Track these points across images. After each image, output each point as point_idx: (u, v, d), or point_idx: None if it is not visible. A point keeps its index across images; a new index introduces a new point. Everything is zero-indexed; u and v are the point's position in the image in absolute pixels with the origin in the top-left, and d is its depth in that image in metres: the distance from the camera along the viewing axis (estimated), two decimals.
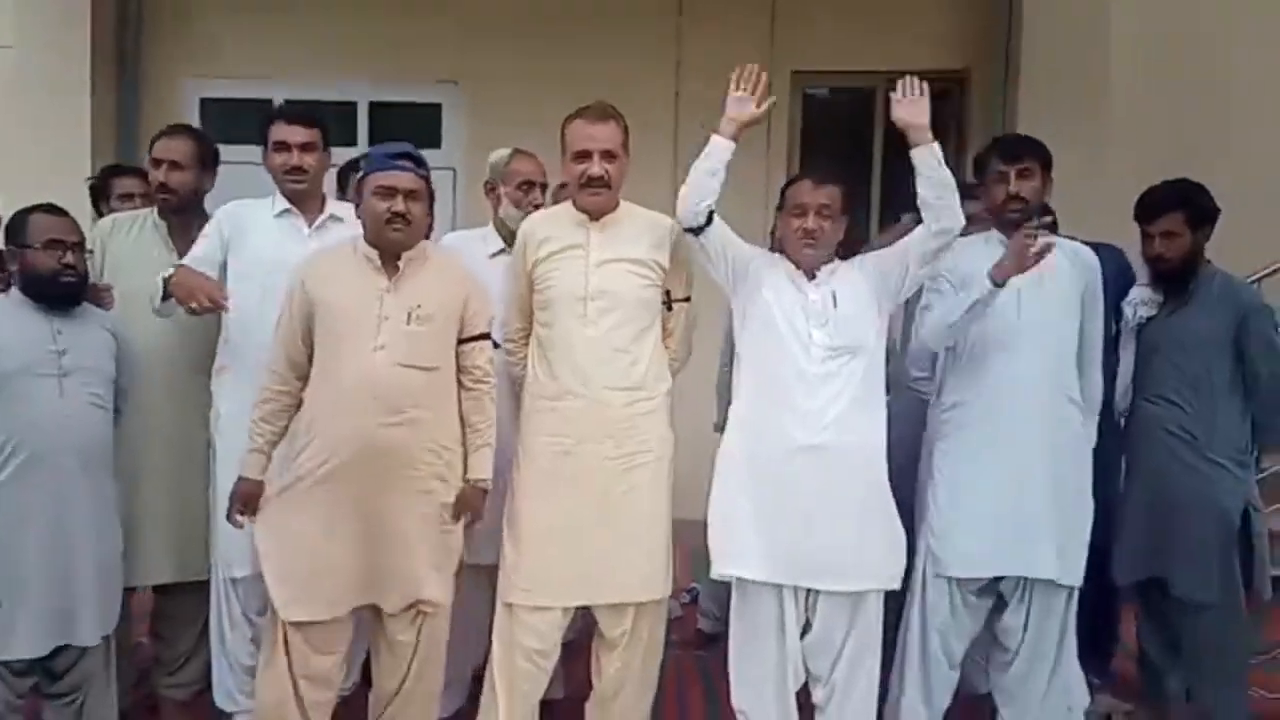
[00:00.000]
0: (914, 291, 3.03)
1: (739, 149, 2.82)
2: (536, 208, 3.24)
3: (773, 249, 3.11)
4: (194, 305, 2.88)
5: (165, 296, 2.99)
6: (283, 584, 2.76)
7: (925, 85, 2.78)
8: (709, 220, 2.80)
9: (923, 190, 2.77)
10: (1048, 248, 2.86)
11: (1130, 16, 5.38)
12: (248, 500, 2.82)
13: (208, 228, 3.14)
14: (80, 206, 3.47)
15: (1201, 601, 3.18)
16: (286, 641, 2.78)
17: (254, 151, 3.25)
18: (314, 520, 2.75)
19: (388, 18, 5.56)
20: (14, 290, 2.90)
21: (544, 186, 3.35)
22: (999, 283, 2.86)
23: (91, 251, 3.07)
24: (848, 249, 3.04)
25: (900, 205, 3.78)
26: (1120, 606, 3.62)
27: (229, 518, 2.86)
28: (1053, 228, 3.56)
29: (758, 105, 2.79)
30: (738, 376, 2.94)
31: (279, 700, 2.80)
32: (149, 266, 3.12)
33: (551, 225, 2.94)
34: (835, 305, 2.81)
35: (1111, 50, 5.27)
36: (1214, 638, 3.21)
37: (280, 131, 3.10)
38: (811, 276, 2.86)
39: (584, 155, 2.84)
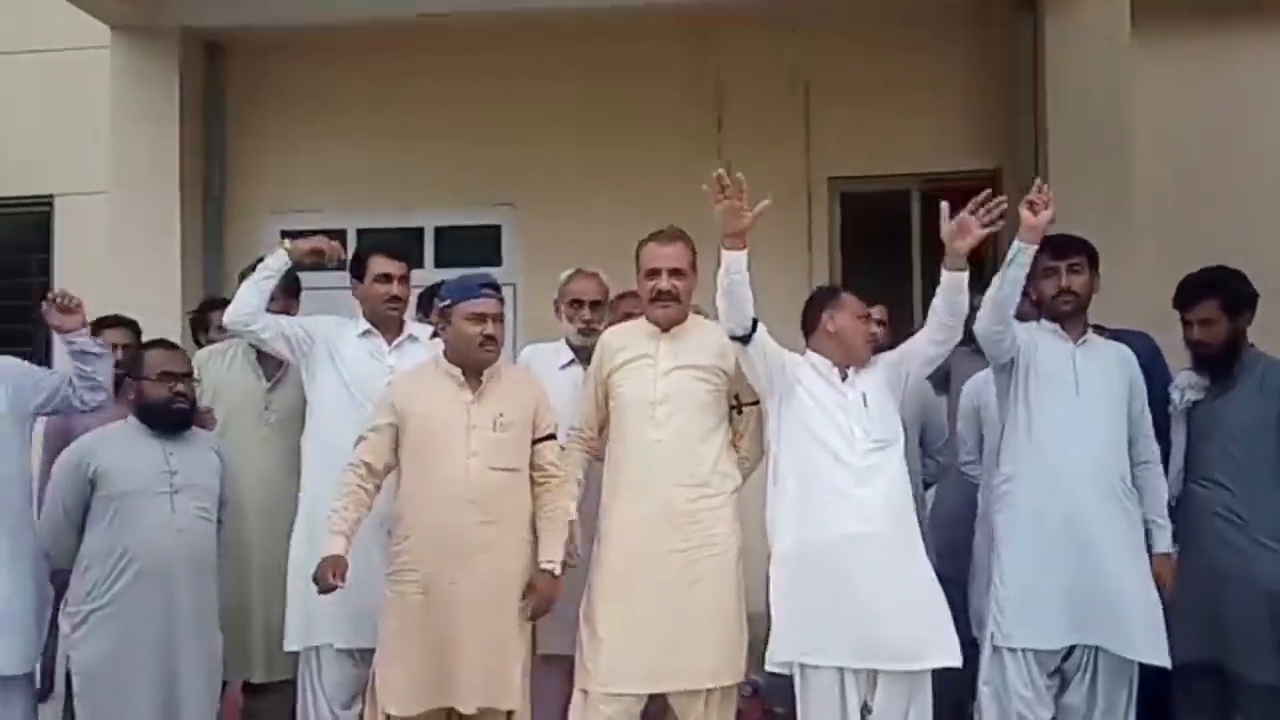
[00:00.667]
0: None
1: (782, 255, 3.06)
2: (586, 323, 3.53)
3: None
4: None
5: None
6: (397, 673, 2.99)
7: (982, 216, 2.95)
8: (754, 327, 3.03)
9: (939, 304, 3.01)
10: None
11: (1151, 113, 5.63)
12: (336, 568, 2.96)
13: (312, 320, 3.53)
14: (173, 338, 3.85)
15: (1258, 681, 3.23)
16: None
17: (330, 278, 3.59)
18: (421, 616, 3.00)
19: (447, 148, 5.94)
20: (131, 418, 3.23)
21: (596, 304, 3.61)
22: (1031, 242, 3.04)
23: (199, 380, 3.39)
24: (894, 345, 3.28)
25: None
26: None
27: (320, 588, 2.98)
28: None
29: (749, 210, 2.90)
30: (778, 474, 3.10)
31: None
32: (242, 390, 3.51)
33: (626, 337, 3.24)
34: (866, 404, 3.03)
35: (1134, 146, 5.47)
36: (1270, 715, 3.26)
37: (382, 265, 3.46)
38: (844, 376, 3.08)
39: (654, 273, 3.15)
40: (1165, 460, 3.44)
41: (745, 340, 3.03)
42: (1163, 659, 3.12)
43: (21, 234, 6.44)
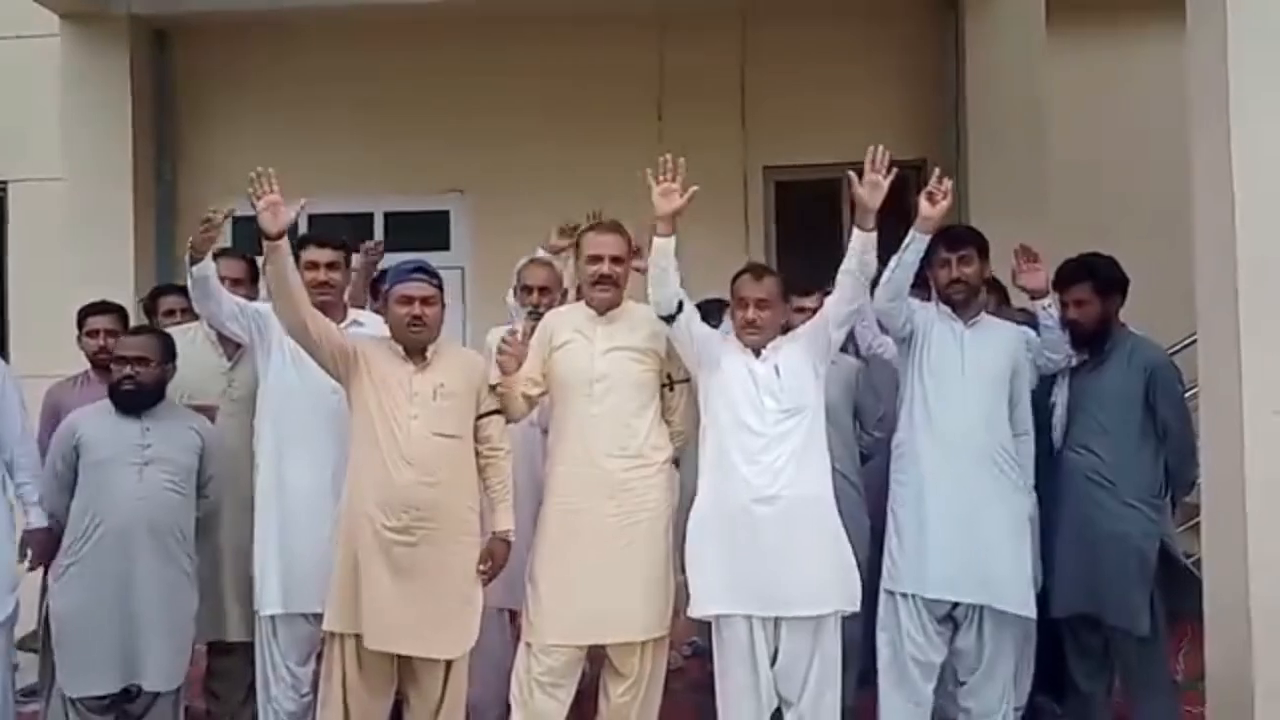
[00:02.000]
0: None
1: (719, 238, 3.30)
2: (535, 306, 3.79)
3: None
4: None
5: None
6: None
7: (887, 174, 3.22)
8: (680, 308, 3.29)
9: (850, 265, 3.26)
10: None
11: (1066, 104, 5.99)
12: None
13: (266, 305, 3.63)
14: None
15: (1131, 631, 3.54)
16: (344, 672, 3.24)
17: None
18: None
19: (396, 137, 6.12)
20: None
21: (545, 290, 3.87)
22: (926, 232, 3.35)
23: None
24: None
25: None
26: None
27: None
28: (1003, 297, 4.07)
29: (681, 195, 3.19)
30: (702, 442, 3.38)
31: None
32: (204, 369, 3.72)
33: (567, 318, 3.49)
34: (779, 374, 3.29)
35: (1050, 136, 5.83)
36: (1143, 661, 3.59)
37: (308, 254, 3.61)
38: (758, 353, 3.34)
39: (596, 259, 3.40)
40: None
41: (670, 320, 3.30)
42: (1028, 611, 3.46)
43: None
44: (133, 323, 4.36)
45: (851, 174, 3.28)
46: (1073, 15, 6.06)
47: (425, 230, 6.24)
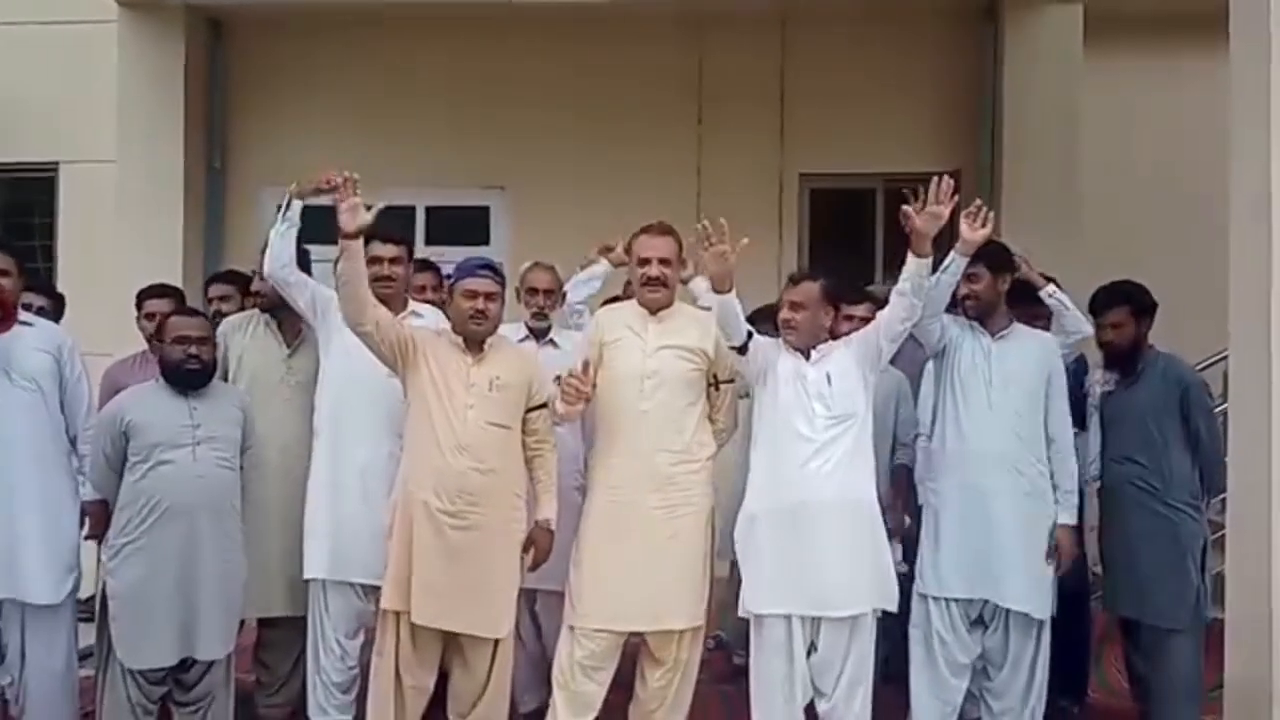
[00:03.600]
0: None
1: (753, 243, 3.34)
2: (539, 308, 3.99)
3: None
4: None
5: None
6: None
7: (948, 203, 3.29)
8: (749, 338, 3.38)
9: (904, 286, 3.36)
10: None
11: (1101, 123, 6.08)
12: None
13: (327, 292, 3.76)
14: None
15: (1171, 627, 3.70)
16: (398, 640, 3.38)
17: (327, 251, 3.85)
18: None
19: (439, 133, 6.25)
20: (160, 378, 3.56)
21: (548, 293, 4.03)
22: (966, 255, 3.46)
23: (218, 344, 3.71)
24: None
25: None
26: (1090, 641, 4.20)
27: None
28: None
29: (732, 252, 3.23)
30: (753, 446, 3.48)
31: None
32: (264, 356, 3.83)
33: (620, 316, 3.62)
34: (830, 382, 3.38)
35: (1084, 154, 5.91)
36: (1177, 657, 3.72)
37: (375, 249, 3.74)
38: (808, 357, 3.44)
39: (646, 261, 3.52)
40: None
41: (741, 350, 3.40)
42: (1041, 613, 3.59)
43: (27, 198, 6.67)
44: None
45: (908, 209, 3.31)
46: (1112, 32, 6.13)
47: (466, 225, 6.37)
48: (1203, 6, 4.36)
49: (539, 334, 4.03)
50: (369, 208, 3.35)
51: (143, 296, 4.34)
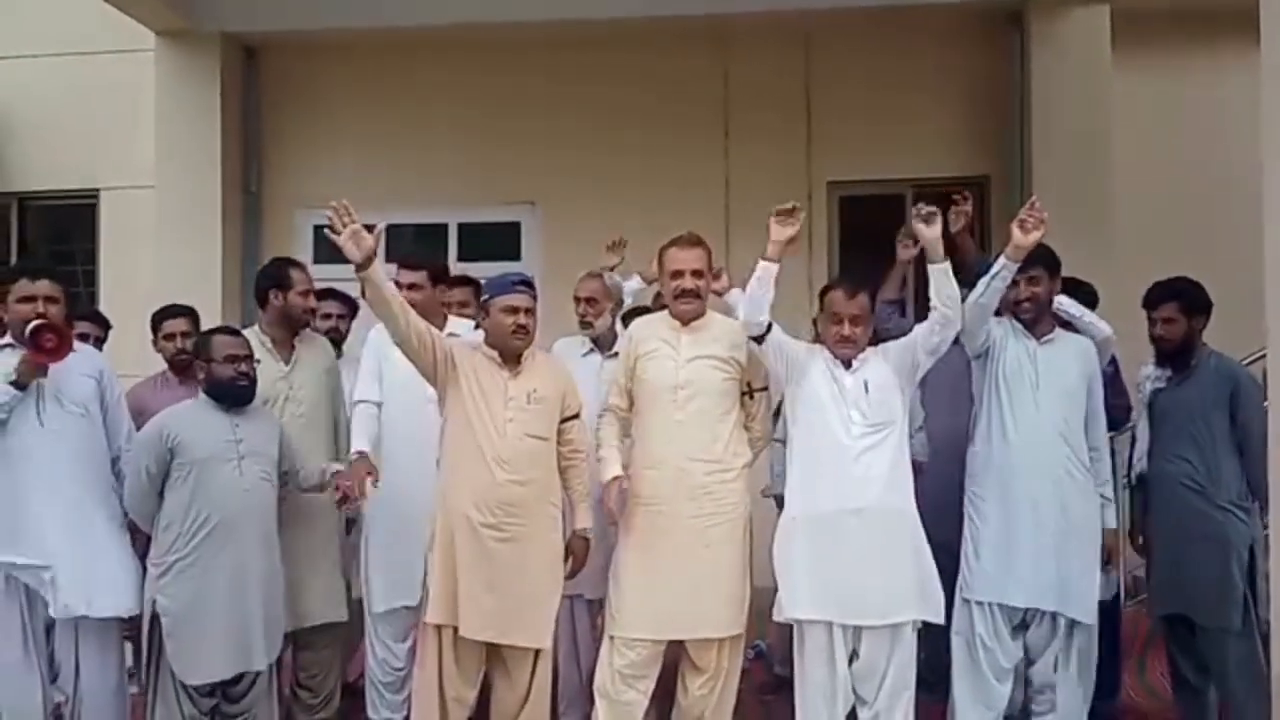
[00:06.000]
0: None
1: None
2: (583, 316, 4.04)
3: (816, 338, 3.74)
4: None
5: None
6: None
7: (934, 211, 3.38)
8: (768, 329, 3.43)
9: (934, 299, 3.40)
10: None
11: (1131, 126, 6.03)
12: None
13: (365, 359, 3.89)
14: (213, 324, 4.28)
15: (1224, 628, 3.67)
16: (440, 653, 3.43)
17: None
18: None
19: (470, 151, 6.34)
20: (201, 395, 3.63)
21: (592, 300, 4.07)
22: (1016, 260, 3.46)
23: (259, 360, 3.75)
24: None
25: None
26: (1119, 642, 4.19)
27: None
28: (1092, 299, 4.19)
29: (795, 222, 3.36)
30: (790, 453, 3.51)
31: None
32: (265, 374, 3.77)
33: (652, 328, 3.65)
34: (868, 390, 3.40)
35: (1114, 157, 5.87)
36: (1240, 658, 3.69)
37: (398, 275, 3.85)
38: (848, 365, 3.46)
39: (678, 274, 3.55)
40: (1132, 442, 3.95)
41: (759, 340, 3.44)
42: (1089, 617, 3.58)
43: (68, 225, 6.82)
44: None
45: (914, 212, 3.38)
46: (1139, 34, 6.09)
47: (497, 241, 6.45)
48: (1232, 3, 4.35)
49: (603, 345, 4.05)
50: (370, 228, 3.29)
51: (159, 318, 4.41)
